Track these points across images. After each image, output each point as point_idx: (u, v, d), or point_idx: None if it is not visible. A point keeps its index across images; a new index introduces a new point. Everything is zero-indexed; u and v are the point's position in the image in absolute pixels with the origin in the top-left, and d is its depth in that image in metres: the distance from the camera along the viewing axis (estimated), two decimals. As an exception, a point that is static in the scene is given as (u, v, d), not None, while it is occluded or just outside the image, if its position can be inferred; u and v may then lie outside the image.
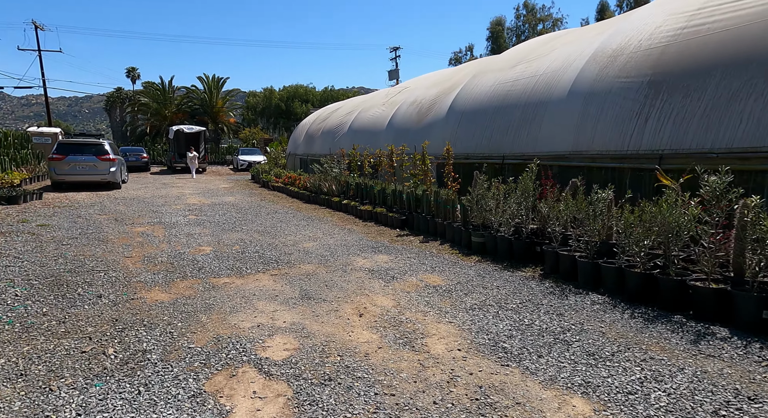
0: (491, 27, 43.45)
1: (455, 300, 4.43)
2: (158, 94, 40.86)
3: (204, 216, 9.90)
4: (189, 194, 14.76)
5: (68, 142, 15.31)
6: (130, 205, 11.68)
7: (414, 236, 7.74)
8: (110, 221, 9.02)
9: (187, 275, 5.28)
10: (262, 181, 18.47)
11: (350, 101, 18.66)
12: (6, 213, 9.57)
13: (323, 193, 12.34)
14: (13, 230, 7.68)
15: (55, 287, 4.70)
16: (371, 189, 10.21)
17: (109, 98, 58.60)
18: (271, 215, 10.30)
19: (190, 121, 40.28)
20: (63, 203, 11.48)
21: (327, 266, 5.82)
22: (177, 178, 21.58)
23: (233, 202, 12.54)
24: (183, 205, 11.76)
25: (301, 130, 20.63)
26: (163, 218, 9.43)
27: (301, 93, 47.95)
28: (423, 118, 10.81)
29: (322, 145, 16.72)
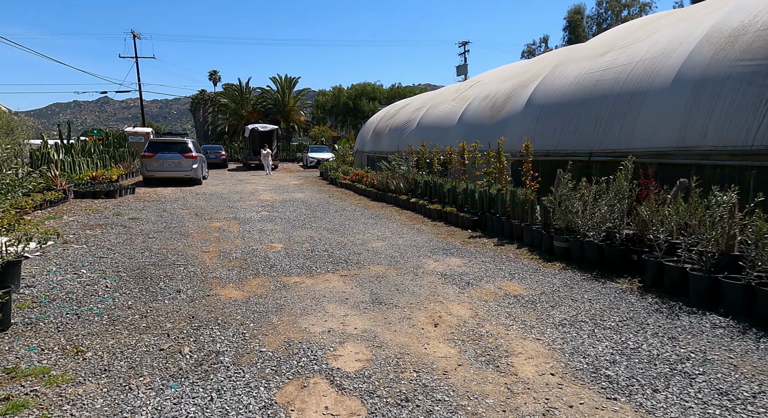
0: (569, 16, 40.80)
1: (541, 313, 3.98)
2: (236, 95, 43.30)
3: (275, 212, 10.12)
4: (262, 191, 15.31)
5: (157, 141, 16.54)
6: (209, 200, 12.31)
7: (487, 238, 7.28)
8: (191, 215, 9.50)
9: (259, 273, 5.30)
10: (330, 178, 18.76)
11: (419, 97, 18.33)
12: (104, 206, 10.46)
13: (391, 191, 12.17)
14: (109, 223, 8.31)
15: (140, 279, 4.91)
16: (441, 187, 9.84)
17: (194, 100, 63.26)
18: (339, 212, 10.30)
19: (264, 120, 42.27)
20: (152, 198, 12.37)
21: (397, 267, 5.58)
22: (251, 175, 22.61)
23: (303, 199, 12.78)
24: (256, 202, 12.17)
25: (368, 128, 20.68)
26: (238, 214, 9.77)
27: (368, 91, 48.40)
28: (497, 113, 10.22)
29: (389, 143, 16.58)
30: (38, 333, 3.43)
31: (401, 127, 15.75)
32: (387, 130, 17.32)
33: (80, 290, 4.45)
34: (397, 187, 11.79)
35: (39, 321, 3.65)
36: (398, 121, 16.58)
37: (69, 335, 3.40)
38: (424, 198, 10.46)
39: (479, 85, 12.55)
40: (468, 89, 12.97)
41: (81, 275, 4.97)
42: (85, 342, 3.28)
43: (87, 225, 8.01)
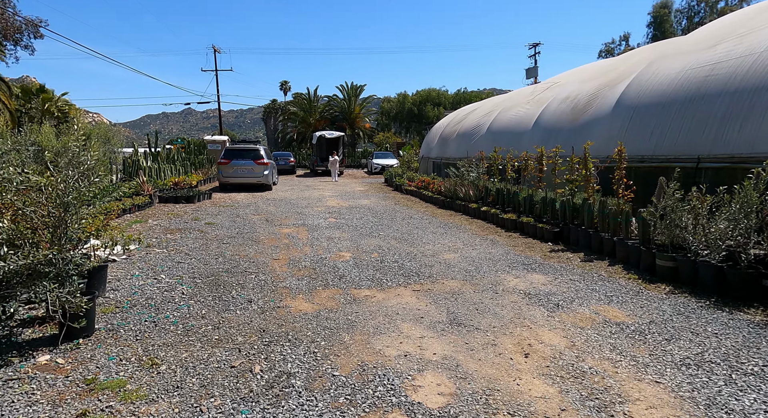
0: (654, 11, 37.59)
1: (654, 348, 3.36)
2: (305, 103, 44.90)
3: (342, 219, 10.05)
4: (328, 197, 15.47)
5: (232, 148, 17.37)
6: (279, 206, 12.58)
7: (572, 253, 6.59)
8: (262, 221, 9.69)
9: (328, 284, 5.12)
10: (395, 184, 18.58)
11: (488, 101, 17.64)
12: (184, 211, 11.02)
13: (459, 198, 11.68)
14: (188, 227, 8.67)
15: (214, 287, 4.92)
16: (515, 196, 9.21)
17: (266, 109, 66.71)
18: (407, 220, 10.01)
19: (330, 127, 43.38)
20: (226, 203, 12.90)
21: (473, 283, 5.14)
22: (318, 181, 23.09)
23: (369, 206, 12.66)
24: (323, 208, 12.24)
25: (434, 133, 20.28)
26: (306, 220, 9.82)
27: (433, 97, 48.01)
28: (578, 115, 9.40)
29: (457, 148, 16.07)
30: (118, 341, 3.45)
31: (470, 133, 15.19)
32: (454, 136, 16.82)
33: (159, 296, 4.52)
34: (467, 194, 11.28)
35: (120, 328, 3.70)
36: (466, 126, 16.03)
37: (146, 345, 3.38)
38: (495, 207, 9.86)
39: (557, 87, 11.71)
40: (544, 91, 12.17)
41: (160, 280, 5.09)
42: (160, 354, 3.23)
43: (168, 229, 8.41)
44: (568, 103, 10.04)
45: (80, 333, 3.36)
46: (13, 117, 22.83)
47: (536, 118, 10.99)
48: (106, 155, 12.10)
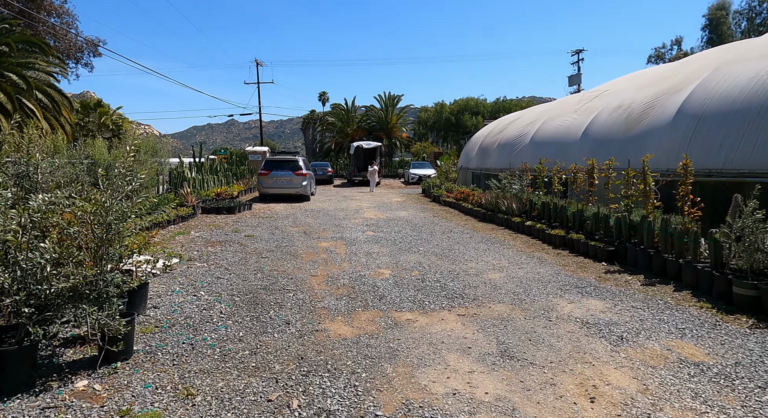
0: (710, 13, 35.55)
1: (746, 397, 2.91)
2: (342, 113, 45.46)
3: (381, 232, 9.85)
4: (366, 208, 15.35)
5: (272, 159, 17.65)
6: (317, 217, 12.56)
7: (630, 275, 6.06)
8: (300, 234, 9.65)
9: (368, 305, 4.90)
10: (433, 195, 18.26)
11: (531, 110, 17.07)
12: (225, 222, 11.18)
13: (501, 211, 11.23)
14: (228, 240, 8.73)
15: (252, 305, 4.80)
16: (563, 210, 8.69)
17: (305, 120, 68.16)
18: (447, 234, 9.68)
19: (368, 137, 43.64)
20: (265, 214, 13.02)
21: (523, 308, 4.77)
22: (356, 191, 23.10)
23: (407, 218, 12.41)
24: (361, 220, 12.11)
25: (474, 143, 19.84)
26: (344, 233, 9.68)
27: (471, 106, 47.41)
28: (633, 125, 8.80)
29: (497, 159, 15.58)
30: (155, 365, 3.36)
31: (511, 143, 14.69)
32: (495, 146, 16.35)
33: (197, 315, 4.45)
34: (509, 208, 10.82)
35: (158, 350, 3.61)
36: (508, 136, 15.53)
37: (182, 371, 3.27)
38: (541, 221, 9.37)
39: (607, 95, 11.09)
40: (592, 100, 11.56)
41: (199, 297, 5.04)
42: (196, 382, 3.10)
43: (209, 241, 8.49)
44: (620, 112, 9.44)
45: (119, 356, 3.29)
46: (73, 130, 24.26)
47: (585, 128, 10.42)
48: (153, 167, 12.52)
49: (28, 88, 18.55)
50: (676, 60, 36.01)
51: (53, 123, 20.52)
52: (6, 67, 18.06)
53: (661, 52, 38.97)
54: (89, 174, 9.53)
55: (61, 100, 20.84)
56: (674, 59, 36.91)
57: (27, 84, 18.43)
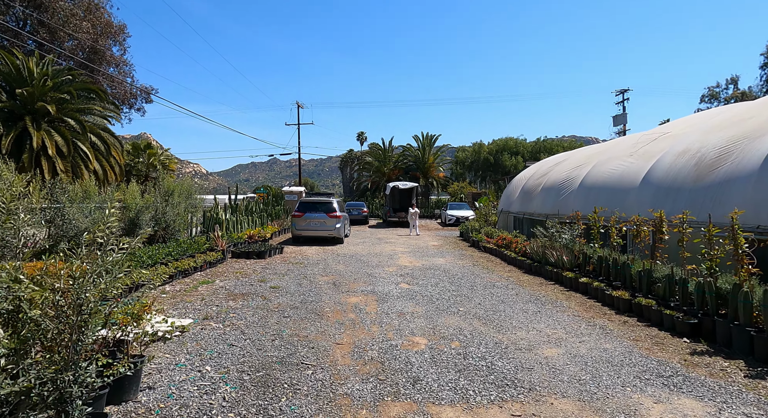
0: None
1: None
2: (380, 153, 45.75)
3: (416, 286, 9.02)
4: (400, 253, 14.58)
5: (306, 200, 17.40)
6: (349, 264, 11.90)
7: (725, 359, 4.90)
8: (329, 285, 8.97)
9: (399, 392, 4.06)
10: (472, 240, 17.29)
11: (578, 152, 16.08)
12: (253, 269, 10.71)
13: (549, 263, 10.16)
14: (251, 292, 8.16)
15: (262, 389, 4.07)
16: (625, 268, 7.58)
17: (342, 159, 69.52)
18: (489, 289, 8.71)
19: (404, 176, 43.45)
20: (296, 260, 12.50)
21: (596, 407, 3.77)
22: (391, 233, 22.44)
23: (444, 267, 11.52)
24: (395, 268, 11.33)
25: (515, 186, 18.90)
26: (376, 286, 8.92)
27: (510, 145, 46.61)
28: (705, 173, 7.73)
29: (542, 203, 14.56)
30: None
31: (558, 187, 13.70)
32: (539, 190, 15.36)
33: (195, 403, 3.75)
34: (559, 260, 9.75)
35: (135, 459, 2.93)
36: (553, 179, 14.56)
37: None
38: (598, 279, 8.25)
39: (667, 138, 10.06)
40: (650, 143, 10.55)
41: (204, 374, 4.37)
42: None
43: (231, 294, 7.95)
44: (688, 157, 8.40)
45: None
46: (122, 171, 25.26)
47: (644, 174, 9.38)
48: (187, 210, 12.43)
49: (83, 131, 19.56)
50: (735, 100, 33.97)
51: (104, 164, 21.43)
52: (66, 112, 19.18)
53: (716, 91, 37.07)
54: (120, 220, 9.40)
55: (113, 142, 21.86)
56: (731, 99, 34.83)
57: (82, 128, 19.45)
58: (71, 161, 19.51)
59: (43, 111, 18.25)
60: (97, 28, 26.36)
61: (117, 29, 28.23)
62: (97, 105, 21.31)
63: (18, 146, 17.80)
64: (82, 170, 19.88)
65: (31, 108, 18.47)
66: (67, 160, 19.36)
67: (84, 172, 19.98)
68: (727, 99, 33.90)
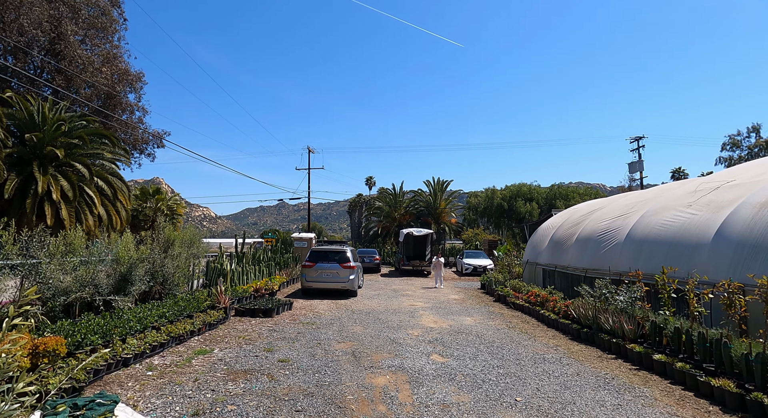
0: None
1: None
2: (390, 198, 44.95)
3: (451, 358, 7.54)
4: (421, 309, 13.10)
5: (318, 249, 16.14)
6: (366, 324, 10.45)
7: None
8: (348, 356, 7.52)
9: None
10: (498, 294, 15.76)
11: (616, 200, 14.86)
12: (259, 332, 9.29)
13: (603, 330, 8.67)
14: (255, 368, 6.74)
15: None
16: (724, 348, 6.06)
17: (351, 203, 68.88)
18: (540, 364, 7.22)
19: (415, 222, 42.31)
20: (307, 318, 11.07)
21: None
22: (405, 283, 20.93)
23: (477, 330, 10.02)
24: (420, 331, 9.86)
25: (542, 235, 17.57)
26: (404, 359, 7.45)
27: (524, 192, 45.64)
28: (802, 226, 6.42)
29: (578, 256, 13.17)
30: None
31: (597, 239, 12.37)
32: (573, 240, 14.02)
33: None
34: (617, 328, 8.26)
35: None
36: (590, 229, 13.26)
37: None
38: (680, 358, 6.73)
39: (736, 187, 8.85)
40: (712, 192, 9.32)
41: None
42: None
43: (232, 371, 6.53)
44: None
45: None
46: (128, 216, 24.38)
47: (717, 228, 8.07)
48: (189, 261, 11.21)
49: (90, 176, 18.91)
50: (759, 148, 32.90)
51: (110, 209, 20.59)
52: (75, 157, 18.63)
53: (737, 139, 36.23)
54: (108, 276, 8.19)
55: (120, 186, 21.16)
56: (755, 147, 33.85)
57: (90, 173, 18.82)
58: (75, 206, 18.68)
59: (51, 156, 17.70)
60: (114, 76, 26.56)
61: (134, 77, 28.50)
62: (107, 150, 20.81)
63: (22, 192, 17.07)
64: (87, 215, 19.00)
65: (40, 153, 17.94)
66: (72, 206, 18.53)
67: (89, 218, 19.09)
68: (751, 147, 32.95)
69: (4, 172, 16.67)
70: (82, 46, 25.64)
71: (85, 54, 25.24)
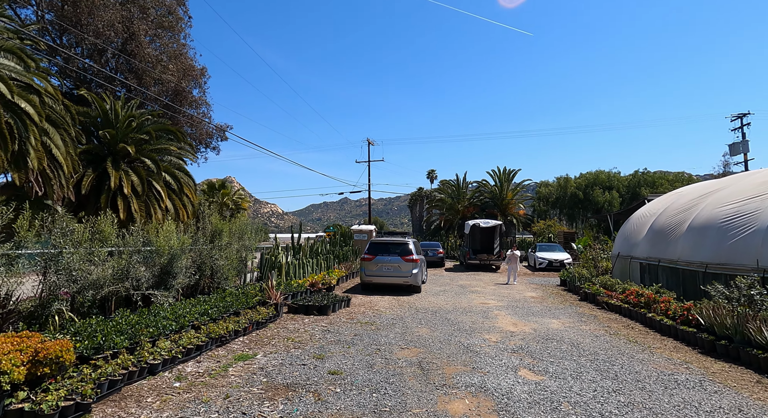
0: None
1: None
2: (453, 190, 42.87)
3: (547, 376, 5.84)
4: (495, 309, 11.35)
5: (378, 241, 14.87)
6: (434, 326, 8.96)
7: None
8: (413, 369, 6.08)
9: None
10: (584, 292, 13.53)
11: (742, 179, 12.02)
12: (311, 334, 8.14)
13: (755, 344, 6.49)
14: (300, 382, 5.50)
15: None
16: None
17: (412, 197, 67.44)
18: (674, 390, 5.30)
19: (480, 214, 39.93)
20: (365, 318, 9.79)
21: None
22: (473, 278, 19.11)
23: (568, 336, 8.15)
24: (499, 335, 8.19)
25: (637, 225, 14.97)
26: (485, 375, 5.86)
27: (602, 180, 41.43)
28: None
29: (693, 248, 10.69)
30: None
31: (722, 226, 9.86)
32: (683, 229, 11.50)
33: None
34: (778, 342, 6.06)
35: None
36: (710, 215, 10.71)
37: None
38: None
39: None
40: None
41: None
42: None
43: (272, 385, 5.34)
44: None
45: None
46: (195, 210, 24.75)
47: None
48: (239, 252, 10.37)
49: (157, 171, 19.16)
50: None
51: (177, 203, 20.83)
52: (144, 153, 18.93)
53: None
54: (146, 264, 7.39)
55: (186, 181, 21.38)
56: None
57: (157, 168, 19.05)
58: (145, 200, 19.04)
59: (123, 152, 18.03)
60: (180, 72, 27.13)
61: (198, 72, 29.02)
62: (174, 145, 21.03)
63: (98, 187, 17.56)
64: (156, 209, 19.29)
65: (113, 149, 18.36)
66: (142, 200, 18.88)
67: (157, 211, 19.36)
68: None
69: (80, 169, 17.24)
70: (152, 46, 26.43)
71: (155, 53, 25.96)
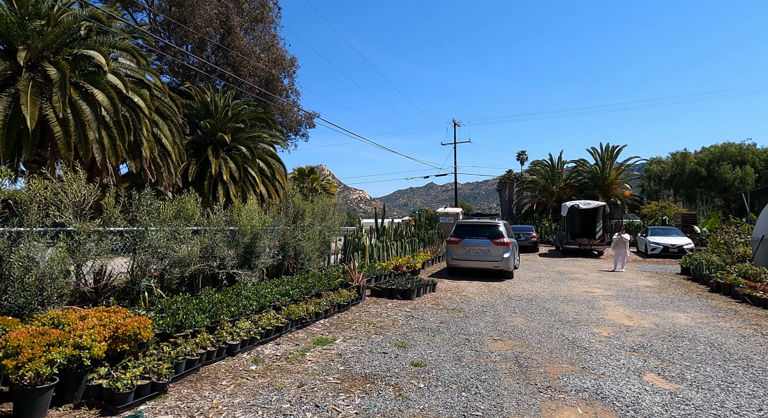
0: None
1: None
2: (546, 170, 39.75)
3: (683, 383, 4.64)
4: (602, 298, 9.90)
5: (465, 223, 13.94)
6: (530, 316, 7.94)
7: None
8: (509, 366, 5.24)
9: None
10: (716, 282, 11.33)
11: None
12: (394, 319, 7.63)
13: None
14: (380, 373, 4.97)
15: None
16: None
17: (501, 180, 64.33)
18: None
19: (577, 195, 36.53)
20: (452, 304, 9.06)
21: None
22: (573, 264, 17.29)
23: (702, 334, 6.63)
24: (611, 329, 6.95)
25: (791, 201, 12.14)
26: (600, 379, 4.83)
27: (731, 153, 35.36)
28: None
29: None
30: None
31: None
32: None
33: None
34: None
35: None
36: None
37: None
38: None
39: None
40: None
41: None
42: None
43: (349, 375, 4.88)
44: None
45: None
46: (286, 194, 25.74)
47: None
48: (322, 234, 10.21)
49: (252, 157, 20.16)
50: None
51: (269, 188, 21.83)
52: (239, 141, 20.01)
53: None
54: (229, 244, 7.41)
55: (278, 167, 22.27)
56: None
57: (252, 154, 20.04)
58: (241, 186, 20.24)
59: (221, 141, 19.16)
60: (271, 62, 28.23)
61: (288, 62, 29.99)
62: (266, 132, 21.92)
63: (201, 174, 18.99)
64: (250, 193, 20.37)
65: (213, 138, 19.62)
66: (238, 185, 20.08)
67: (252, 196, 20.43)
68: None
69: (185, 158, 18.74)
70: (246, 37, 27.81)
71: (248, 45, 27.28)
